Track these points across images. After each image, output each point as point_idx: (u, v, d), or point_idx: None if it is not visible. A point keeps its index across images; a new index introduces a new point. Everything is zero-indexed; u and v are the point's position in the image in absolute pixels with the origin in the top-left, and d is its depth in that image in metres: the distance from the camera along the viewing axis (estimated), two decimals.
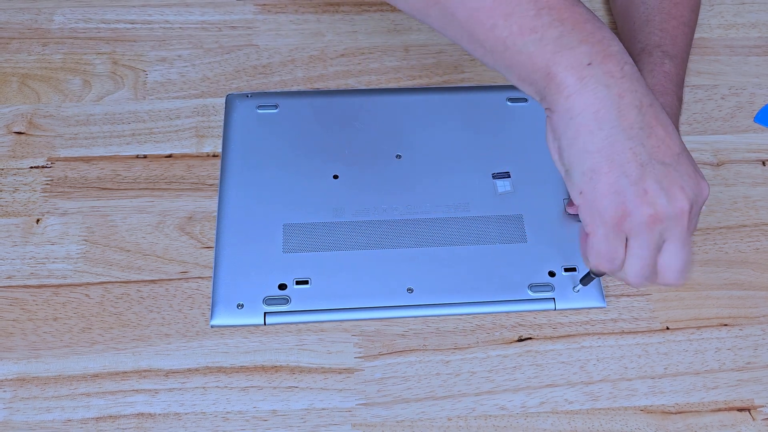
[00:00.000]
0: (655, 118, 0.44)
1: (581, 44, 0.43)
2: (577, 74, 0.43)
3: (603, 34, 0.44)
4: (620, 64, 0.43)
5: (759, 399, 0.56)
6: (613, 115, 0.43)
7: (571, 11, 0.44)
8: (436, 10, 0.46)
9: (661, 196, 0.43)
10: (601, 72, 0.42)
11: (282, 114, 0.68)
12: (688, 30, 0.68)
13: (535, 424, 0.54)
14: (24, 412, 0.54)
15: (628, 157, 0.43)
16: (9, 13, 0.76)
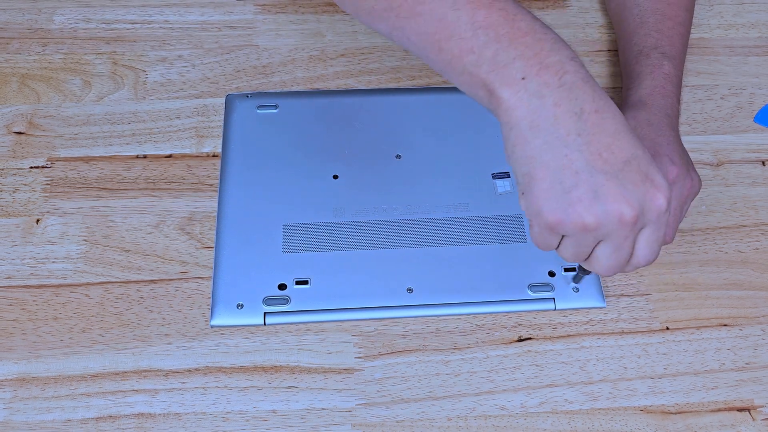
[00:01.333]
0: (599, 124, 0.43)
1: (515, 60, 0.44)
2: (512, 89, 0.44)
3: (542, 45, 0.44)
4: (558, 74, 0.43)
5: (759, 399, 0.56)
6: (549, 123, 0.43)
7: (510, 26, 0.44)
8: (398, 33, 0.48)
9: (595, 205, 0.43)
10: (535, 84, 0.43)
11: (282, 114, 0.68)
12: (684, 30, 0.68)
13: (534, 424, 0.54)
14: (24, 412, 0.54)
15: (563, 164, 0.43)
16: (9, 13, 0.76)
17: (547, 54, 0.44)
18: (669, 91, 0.63)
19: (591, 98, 0.44)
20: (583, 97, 0.44)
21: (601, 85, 0.73)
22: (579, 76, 0.44)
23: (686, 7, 0.69)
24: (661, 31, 0.66)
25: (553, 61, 0.44)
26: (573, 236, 0.45)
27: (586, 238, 0.45)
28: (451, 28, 0.45)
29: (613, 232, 0.44)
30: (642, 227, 0.45)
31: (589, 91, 0.44)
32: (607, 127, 0.43)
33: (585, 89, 0.44)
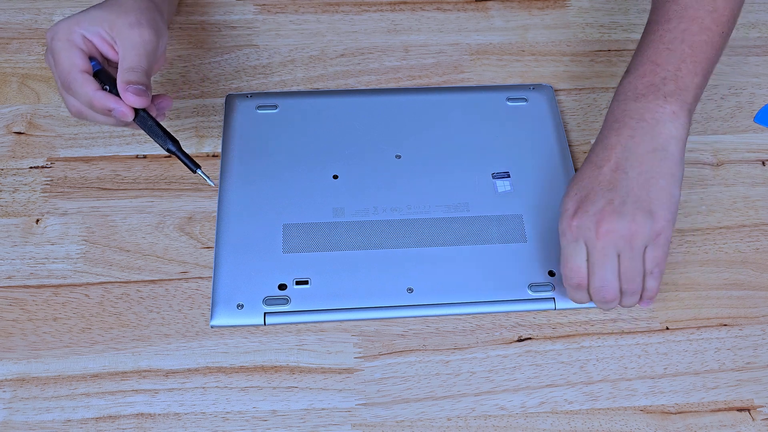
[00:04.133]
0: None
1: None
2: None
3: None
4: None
5: (759, 399, 0.56)
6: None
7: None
8: None
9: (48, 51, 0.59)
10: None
11: (282, 114, 0.68)
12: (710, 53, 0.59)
13: (534, 424, 0.54)
14: (24, 413, 0.54)
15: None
16: (9, 13, 0.76)
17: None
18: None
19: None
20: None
21: (601, 84, 0.73)
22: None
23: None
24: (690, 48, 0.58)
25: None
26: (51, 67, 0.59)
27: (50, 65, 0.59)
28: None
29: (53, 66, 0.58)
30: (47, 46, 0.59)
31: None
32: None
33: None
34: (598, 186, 0.54)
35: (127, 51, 0.56)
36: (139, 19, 0.57)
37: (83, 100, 0.55)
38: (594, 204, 0.53)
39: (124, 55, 0.56)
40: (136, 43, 0.56)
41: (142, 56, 0.56)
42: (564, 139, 0.68)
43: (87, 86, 0.55)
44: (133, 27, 0.56)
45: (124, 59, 0.56)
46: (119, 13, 0.57)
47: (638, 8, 0.79)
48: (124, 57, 0.56)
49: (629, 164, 0.54)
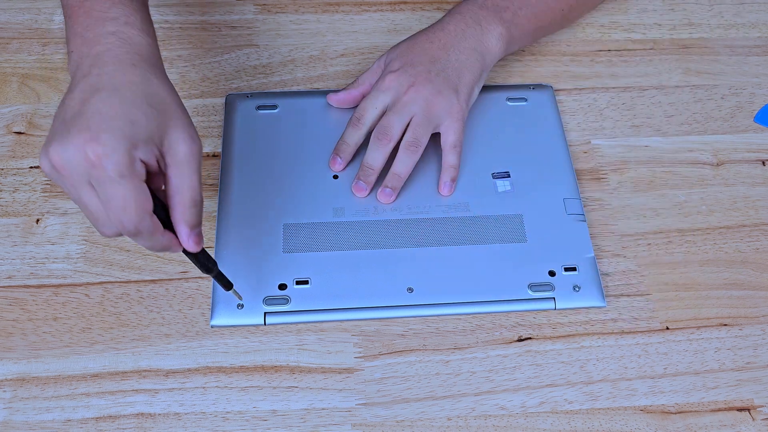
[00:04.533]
0: (93, 84, 0.47)
1: (73, 37, 0.51)
2: (68, 60, 0.51)
3: (88, 21, 0.51)
4: (89, 47, 0.49)
5: (759, 399, 0.56)
6: (70, 84, 0.48)
7: (77, 5, 0.52)
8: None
9: (43, 152, 0.45)
10: (76, 55, 0.50)
11: (282, 114, 0.68)
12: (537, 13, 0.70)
13: (534, 424, 0.54)
14: (24, 412, 0.54)
15: (55, 115, 0.47)
16: (9, 13, 0.76)
17: (89, 30, 0.50)
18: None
19: (102, 64, 0.48)
20: (99, 63, 0.48)
21: (601, 84, 0.73)
22: (108, 47, 0.49)
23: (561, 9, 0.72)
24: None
25: (90, 36, 0.50)
26: (52, 179, 0.47)
27: (59, 181, 0.46)
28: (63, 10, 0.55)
29: (57, 180, 0.46)
30: (86, 180, 0.45)
31: (108, 59, 0.48)
32: (95, 86, 0.46)
33: (106, 57, 0.48)
34: (425, 57, 0.64)
35: (184, 177, 0.47)
36: (184, 122, 0.48)
37: (145, 242, 0.47)
38: (415, 68, 0.63)
39: (181, 182, 0.47)
40: (192, 165, 0.47)
41: (197, 180, 0.47)
42: (564, 139, 0.68)
43: (157, 231, 0.47)
44: (185, 141, 0.47)
45: (180, 188, 0.47)
46: (164, 117, 0.47)
47: (638, 8, 0.80)
48: (180, 185, 0.47)
49: (453, 50, 0.65)
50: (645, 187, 0.66)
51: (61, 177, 0.45)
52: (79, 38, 0.50)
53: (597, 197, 0.66)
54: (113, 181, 0.44)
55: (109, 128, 0.44)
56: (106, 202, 0.45)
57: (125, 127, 0.44)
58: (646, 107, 0.72)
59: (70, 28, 0.52)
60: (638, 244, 0.63)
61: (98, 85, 0.46)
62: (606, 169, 0.67)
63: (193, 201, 0.47)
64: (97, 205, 0.45)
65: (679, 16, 0.79)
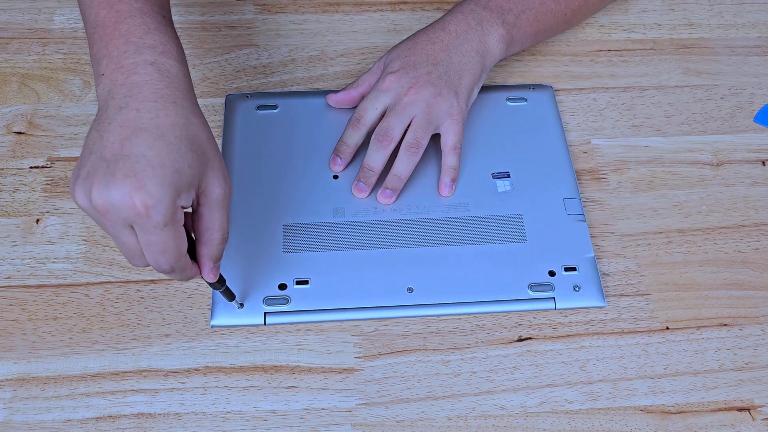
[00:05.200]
0: (132, 120, 0.46)
1: (103, 59, 0.50)
2: (97, 83, 0.50)
3: (127, 48, 0.49)
4: (126, 74, 0.48)
5: (759, 399, 0.56)
6: (101, 111, 0.47)
7: (113, 27, 0.50)
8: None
9: (83, 184, 0.45)
10: (108, 81, 0.49)
11: (282, 114, 0.68)
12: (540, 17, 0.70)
13: (534, 424, 0.54)
14: (24, 413, 0.54)
15: (89, 144, 0.46)
16: (9, 13, 0.76)
17: (128, 56, 0.49)
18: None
19: (142, 98, 0.47)
20: (137, 96, 0.47)
21: (601, 84, 0.73)
22: (147, 77, 0.48)
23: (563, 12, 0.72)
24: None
25: (128, 63, 0.49)
26: (87, 213, 0.46)
27: (93, 218, 0.46)
28: (85, 23, 0.54)
29: (96, 218, 0.46)
30: (127, 223, 0.45)
31: (147, 92, 0.47)
32: (136, 124, 0.45)
33: (145, 90, 0.47)
34: (426, 58, 0.64)
35: (216, 217, 0.48)
36: (220, 164, 0.48)
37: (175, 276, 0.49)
38: (416, 70, 0.63)
39: (212, 222, 0.48)
40: (224, 206, 0.49)
41: (227, 219, 0.49)
42: (564, 139, 0.68)
43: (187, 267, 0.49)
44: (220, 183, 0.48)
45: (212, 227, 0.48)
46: (203, 160, 0.47)
47: (638, 8, 0.80)
48: (212, 225, 0.48)
49: (455, 51, 0.64)
50: (645, 187, 0.66)
51: (101, 217, 0.45)
52: (113, 63, 0.49)
53: (597, 197, 0.66)
54: (157, 228, 0.45)
55: (156, 177, 0.44)
56: (147, 245, 0.46)
57: (172, 177, 0.44)
58: (646, 107, 0.72)
59: (102, 48, 0.50)
60: (638, 244, 0.63)
61: (140, 124, 0.45)
62: (606, 169, 0.67)
63: (222, 239, 0.49)
64: (135, 245, 0.46)
65: (679, 16, 0.79)
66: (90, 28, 0.52)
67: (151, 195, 0.43)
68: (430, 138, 0.63)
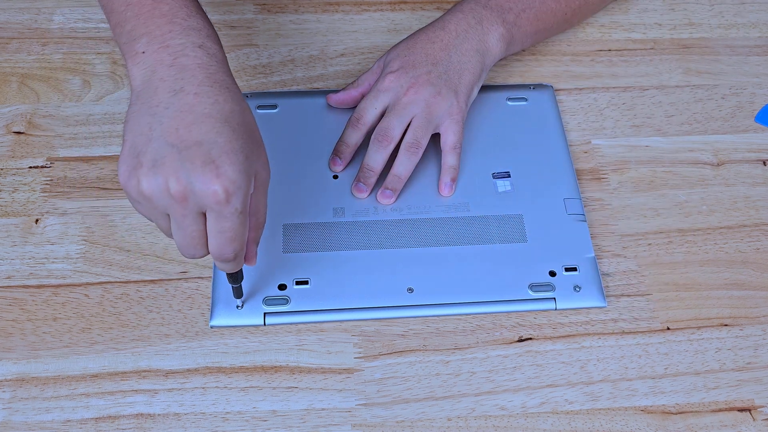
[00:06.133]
0: (192, 105, 0.45)
1: (143, 36, 0.48)
2: (133, 60, 0.48)
3: (172, 28, 0.48)
4: (174, 55, 0.47)
5: (759, 399, 0.56)
6: (149, 94, 0.46)
7: (152, 5, 0.49)
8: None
9: (151, 173, 0.44)
10: (151, 60, 0.47)
11: (282, 114, 0.68)
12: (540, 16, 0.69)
13: (535, 424, 0.54)
14: (23, 413, 0.54)
15: (143, 130, 0.45)
16: (9, 12, 0.76)
17: (174, 36, 0.48)
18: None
19: (197, 82, 0.46)
20: (190, 79, 0.46)
21: (601, 84, 0.73)
22: (198, 61, 0.47)
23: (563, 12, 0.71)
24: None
25: (175, 44, 0.47)
26: (141, 202, 0.46)
27: (149, 208, 0.46)
28: (112, 3, 0.52)
29: (168, 205, 0.45)
30: (201, 210, 0.45)
31: (200, 76, 0.46)
32: (199, 109, 0.45)
33: (198, 74, 0.46)
34: (426, 58, 0.64)
35: (260, 200, 0.50)
36: (263, 148, 0.49)
37: (231, 266, 0.50)
38: (416, 70, 0.63)
39: (257, 205, 0.49)
40: (266, 189, 0.50)
41: (266, 202, 0.51)
42: (564, 138, 0.68)
43: (242, 254, 0.49)
44: (265, 167, 0.49)
45: (257, 210, 0.50)
46: (256, 145, 0.48)
47: (638, 8, 0.79)
48: (256, 208, 0.50)
49: (455, 50, 0.64)
50: (645, 187, 0.66)
51: (176, 204, 0.44)
52: (156, 41, 0.48)
53: (597, 197, 0.66)
54: (234, 214, 0.45)
55: (233, 164, 0.44)
56: (219, 232, 0.46)
57: (246, 163, 0.45)
58: (647, 107, 0.72)
59: (140, 26, 0.49)
60: (639, 244, 0.63)
61: (203, 110, 0.45)
62: (606, 169, 0.67)
63: (264, 222, 0.51)
64: (201, 233, 0.46)
65: (680, 16, 0.79)
66: (120, 4, 0.51)
67: (233, 181, 0.44)
68: (430, 138, 0.63)
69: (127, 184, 0.45)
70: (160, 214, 0.46)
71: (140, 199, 0.45)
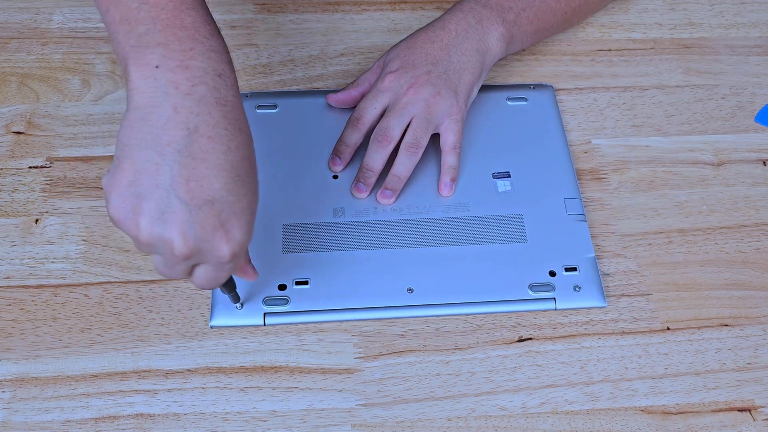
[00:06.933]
0: (205, 151, 0.42)
1: (158, 46, 0.43)
2: (142, 72, 0.43)
3: (194, 46, 0.43)
4: (192, 80, 0.42)
5: (759, 399, 0.56)
6: (159, 124, 0.42)
7: (174, 14, 0.44)
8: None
9: (155, 224, 0.42)
10: (165, 79, 0.42)
11: (281, 114, 0.68)
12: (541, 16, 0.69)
13: (535, 424, 0.54)
14: (23, 413, 0.54)
15: (149, 170, 0.41)
16: (8, 12, 0.76)
17: (194, 56, 0.43)
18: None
19: (213, 122, 0.42)
20: (206, 117, 0.42)
21: (601, 84, 0.73)
22: (216, 94, 0.43)
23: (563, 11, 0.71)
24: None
25: (195, 66, 0.43)
26: (133, 239, 0.44)
27: (140, 245, 0.44)
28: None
29: (164, 253, 0.44)
30: (198, 263, 0.45)
31: (217, 114, 0.42)
32: (212, 159, 0.42)
33: (213, 110, 0.42)
34: (425, 57, 0.64)
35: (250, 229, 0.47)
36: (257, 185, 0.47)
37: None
38: (415, 70, 0.63)
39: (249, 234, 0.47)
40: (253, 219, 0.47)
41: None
42: (564, 138, 0.67)
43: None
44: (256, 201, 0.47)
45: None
46: (255, 194, 0.46)
47: (638, 8, 0.79)
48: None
49: (455, 50, 0.64)
50: (645, 187, 0.66)
51: (172, 256, 0.43)
52: (175, 58, 0.43)
53: (597, 197, 0.65)
54: (229, 264, 0.45)
55: (241, 226, 0.44)
56: (210, 279, 0.46)
57: (250, 218, 0.45)
58: (647, 107, 0.72)
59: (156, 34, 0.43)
60: (639, 244, 0.63)
61: (215, 161, 0.42)
62: (606, 168, 0.67)
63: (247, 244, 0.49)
64: (187, 273, 0.46)
65: (680, 16, 0.79)
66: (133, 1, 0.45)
67: (240, 243, 0.44)
68: (430, 138, 0.63)
69: (121, 221, 0.43)
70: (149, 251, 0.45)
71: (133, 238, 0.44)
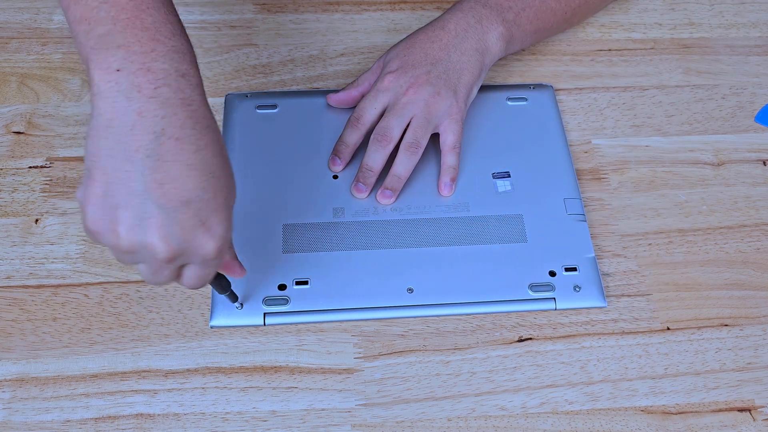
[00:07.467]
0: (175, 153, 0.41)
1: (119, 48, 0.41)
2: (104, 75, 0.41)
3: (156, 47, 0.42)
4: (155, 83, 0.41)
5: (759, 399, 0.56)
6: (125, 130, 0.41)
7: (134, 14, 0.42)
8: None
9: (135, 232, 0.42)
10: (127, 82, 0.41)
11: (281, 114, 0.68)
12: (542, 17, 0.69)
13: (535, 424, 0.54)
14: (23, 413, 0.54)
15: (121, 178, 0.41)
16: (8, 12, 0.76)
17: (156, 58, 0.42)
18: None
19: (180, 123, 0.41)
20: (172, 119, 0.41)
21: (601, 84, 0.73)
22: (180, 95, 0.42)
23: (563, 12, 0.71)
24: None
25: (158, 68, 0.41)
26: (110, 248, 0.44)
27: (122, 255, 0.44)
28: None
29: (148, 260, 0.44)
30: (184, 264, 0.45)
31: (182, 115, 0.41)
32: (183, 159, 0.41)
33: (179, 111, 0.41)
34: (425, 57, 0.64)
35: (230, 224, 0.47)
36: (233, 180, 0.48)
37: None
38: (415, 69, 0.63)
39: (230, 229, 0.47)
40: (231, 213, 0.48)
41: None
42: (564, 138, 0.67)
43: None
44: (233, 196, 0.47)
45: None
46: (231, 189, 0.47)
47: (638, 8, 0.79)
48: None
49: (454, 50, 0.64)
50: (646, 187, 0.66)
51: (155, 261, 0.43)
52: (137, 61, 0.41)
53: (597, 197, 0.65)
54: (215, 260, 0.46)
55: (221, 222, 0.44)
56: (197, 278, 0.47)
57: (228, 213, 0.45)
58: (647, 107, 0.72)
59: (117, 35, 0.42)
60: (639, 244, 0.63)
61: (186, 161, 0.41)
62: (606, 168, 0.67)
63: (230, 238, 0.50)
64: (174, 276, 0.46)
65: (680, 16, 0.79)
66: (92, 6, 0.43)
67: (222, 238, 0.44)
68: (430, 137, 0.63)
69: (99, 233, 0.42)
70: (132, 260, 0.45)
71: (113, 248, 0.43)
